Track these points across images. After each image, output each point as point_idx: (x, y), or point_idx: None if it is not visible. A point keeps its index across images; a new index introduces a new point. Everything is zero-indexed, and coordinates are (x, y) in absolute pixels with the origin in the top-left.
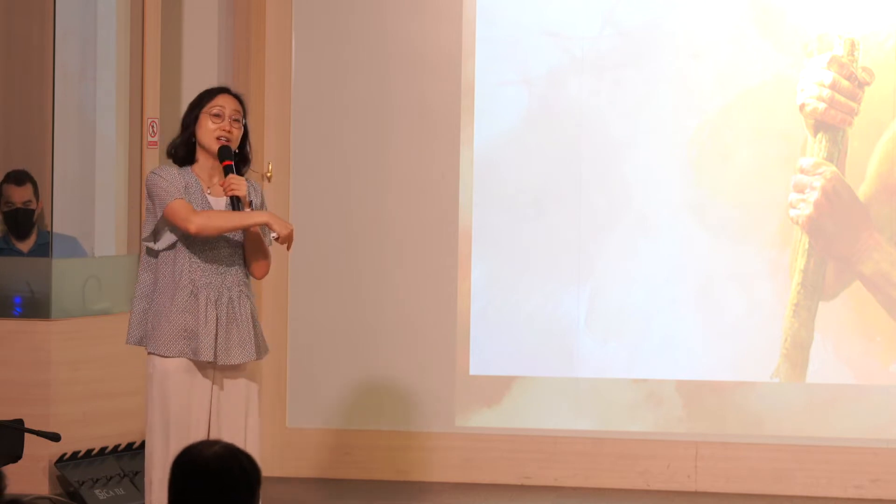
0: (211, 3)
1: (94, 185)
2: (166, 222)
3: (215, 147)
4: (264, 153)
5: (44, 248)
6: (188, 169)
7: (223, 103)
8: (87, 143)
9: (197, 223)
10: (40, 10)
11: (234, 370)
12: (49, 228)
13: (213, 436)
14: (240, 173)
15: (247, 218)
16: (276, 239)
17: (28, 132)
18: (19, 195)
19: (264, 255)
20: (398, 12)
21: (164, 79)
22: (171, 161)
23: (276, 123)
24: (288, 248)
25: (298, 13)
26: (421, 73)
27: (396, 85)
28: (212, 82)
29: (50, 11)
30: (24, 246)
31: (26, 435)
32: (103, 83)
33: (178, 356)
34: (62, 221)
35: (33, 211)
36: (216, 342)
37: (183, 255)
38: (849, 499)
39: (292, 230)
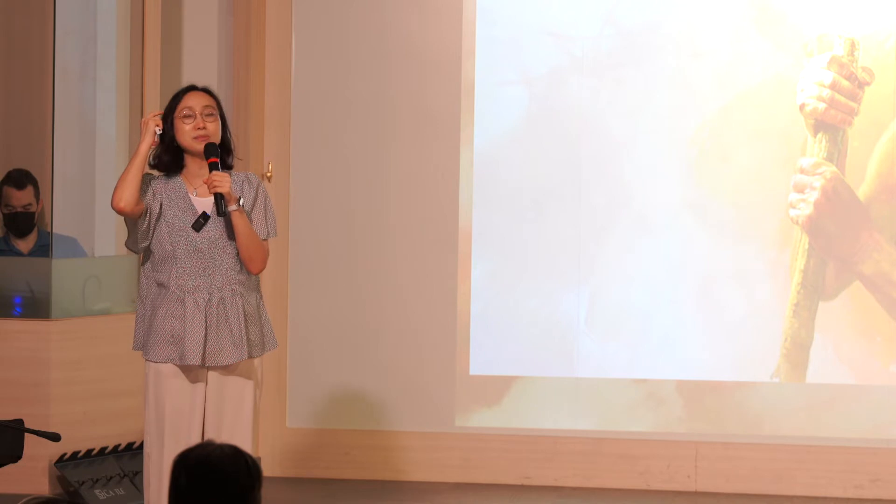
0: (211, 3)
1: (94, 185)
2: (135, 223)
3: (196, 146)
4: (264, 153)
5: (44, 249)
6: (175, 177)
7: (191, 103)
8: (87, 143)
9: (113, 197)
10: (40, 10)
11: (226, 370)
12: (49, 229)
13: (210, 435)
14: (225, 165)
15: (139, 149)
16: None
17: (28, 132)
18: (19, 199)
19: (255, 248)
20: (398, 12)
21: (164, 79)
22: (156, 171)
23: (276, 123)
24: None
25: (298, 13)
26: (421, 73)
27: (396, 85)
28: (212, 82)
29: (50, 11)
30: (25, 246)
31: (26, 435)
32: (103, 83)
33: (166, 361)
34: (62, 221)
35: (33, 214)
36: (205, 345)
37: (169, 261)
38: (849, 499)
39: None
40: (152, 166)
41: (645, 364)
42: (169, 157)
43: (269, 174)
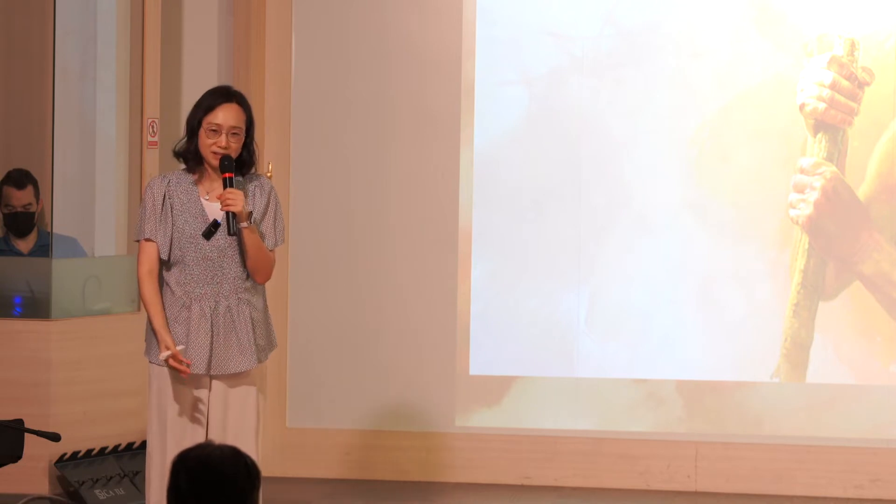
0: (211, 3)
1: (94, 185)
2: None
3: (213, 161)
4: (264, 153)
5: (44, 249)
6: (189, 176)
7: (221, 120)
8: (87, 143)
9: (139, 286)
10: (40, 10)
11: (231, 376)
12: (49, 229)
13: (213, 438)
14: (244, 174)
15: (154, 324)
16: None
17: (28, 132)
18: (19, 199)
19: (262, 261)
20: (398, 12)
21: (164, 79)
22: (179, 160)
23: (276, 123)
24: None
25: (298, 13)
26: (421, 73)
27: (396, 85)
28: (212, 82)
29: (50, 11)
30: (25, 246)
31: (26, 435)
32: (103, 83)
33: (164, 365)
34: (62, 221)
35: (33, 214)
36: (211, 353)
37: (177, 266)
38: (849, 499)
39: None
40: (176, 156)
41: (645, 364)
42: (191, 154)
43: (269, 174)
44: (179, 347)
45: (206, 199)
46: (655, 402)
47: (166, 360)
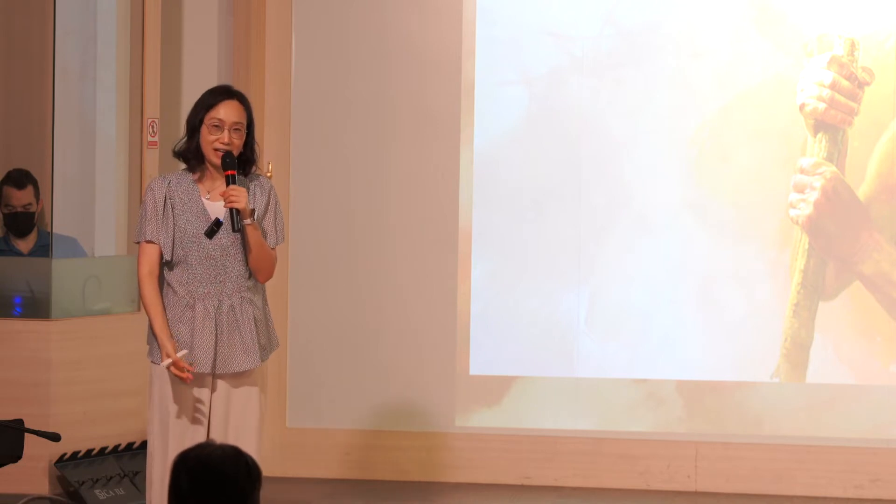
0: (211, 3)
1: (94, 185)
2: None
3: (214, 158)
4: (264, 152)
5: (44, 249)
6: (190, 176)
7: (223, 116)
8: (87, 143)
9: (139, 288)
10: (40, 10)
11: (234, 376)
12: (49, 229)
13: (215, 438)
14: (245, 173)
15: (154, 326)
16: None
17: (28, 132)
18: (19, 198)
19: (265, 259)
20: (398, 12)
21: (164, 79)
22: (180, 160)
23: (276, 123)
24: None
25: (298, 13)
26: (421, 73)
27: (396, 85)
28: (212, 82)
29: (50, 11)
30: (25, 246)
31: (26, 435)
32: (103, 83)
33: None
34: (62, 222)
35: (33, 214)
36: (216, 352)
37: (180, 266)
38: (849, 499)
39: None
40: (176, 156)
41: (645, 364)
42: (192, 154)
43: (269, 174)
44: (181, 353)
45: (208, 199)
46: (655, 402)
47: (168, 368)
